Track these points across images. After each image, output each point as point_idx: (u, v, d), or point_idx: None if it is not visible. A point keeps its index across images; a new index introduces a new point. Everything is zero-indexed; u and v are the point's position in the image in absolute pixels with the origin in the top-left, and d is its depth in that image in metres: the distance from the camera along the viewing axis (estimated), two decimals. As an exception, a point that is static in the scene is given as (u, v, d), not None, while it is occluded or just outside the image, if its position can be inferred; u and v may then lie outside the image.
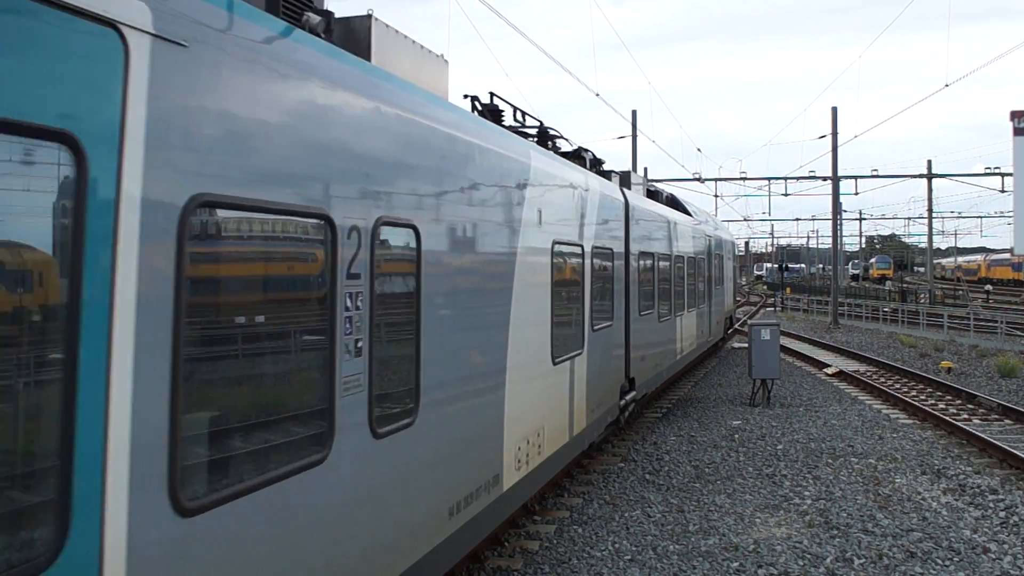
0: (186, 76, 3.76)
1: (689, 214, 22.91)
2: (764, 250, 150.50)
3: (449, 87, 7.81)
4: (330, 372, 4.78)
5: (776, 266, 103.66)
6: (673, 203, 22.04)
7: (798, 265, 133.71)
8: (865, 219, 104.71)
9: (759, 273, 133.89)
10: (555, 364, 9.54)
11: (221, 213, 4.07)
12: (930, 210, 61.98)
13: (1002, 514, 10.67)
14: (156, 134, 3.53)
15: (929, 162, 56.33)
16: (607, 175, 14.19)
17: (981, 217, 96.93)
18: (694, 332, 21.50)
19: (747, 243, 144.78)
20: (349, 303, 4.97)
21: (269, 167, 4.30)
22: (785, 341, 29.23)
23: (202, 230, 3.92)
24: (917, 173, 58.54)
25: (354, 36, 6.40)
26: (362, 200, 5.21)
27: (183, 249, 3.66)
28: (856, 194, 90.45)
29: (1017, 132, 30.80)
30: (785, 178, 52.53)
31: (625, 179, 15.55)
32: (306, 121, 4.69)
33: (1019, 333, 33.84)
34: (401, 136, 5.83)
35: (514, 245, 8.13)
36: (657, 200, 19.36)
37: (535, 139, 11.42)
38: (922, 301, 57.65)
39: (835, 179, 45.28)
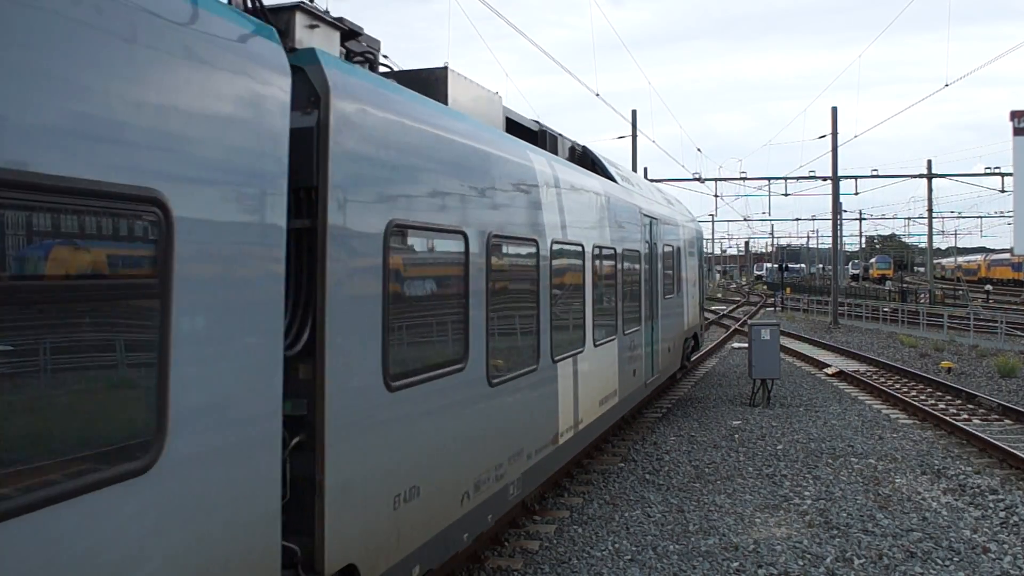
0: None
1: (612, 178, 13.60)
2: (764, 250, 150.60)
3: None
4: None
5: (776, 266, 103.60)
6: (586, 162, 13.42)
7: (798, 265, 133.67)
8: (865, 219, 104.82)
9: (759, 273, 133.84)
10: None
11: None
12: (930, 210, 62.00)
13: (1002, 514, 10.66)
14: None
15: (929, 162, 56.36)
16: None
17: (981, 217, 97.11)
18: (610, 378, 12.34)
19: (747, 243, 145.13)
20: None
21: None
22: (785, 341, 29.22)
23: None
24: (917, 173, 58.58)
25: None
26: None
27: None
28: (856, 194, 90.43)
29: (1017, 132, 30.77)
30: (785, 178, 52.54)
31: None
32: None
33: (1019, 333, 33.83)
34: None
35: None
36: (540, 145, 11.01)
37: None
38: (922, 301, 57.65)
39: (835, 179, 45.28)
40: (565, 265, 10.16)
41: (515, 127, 10.51)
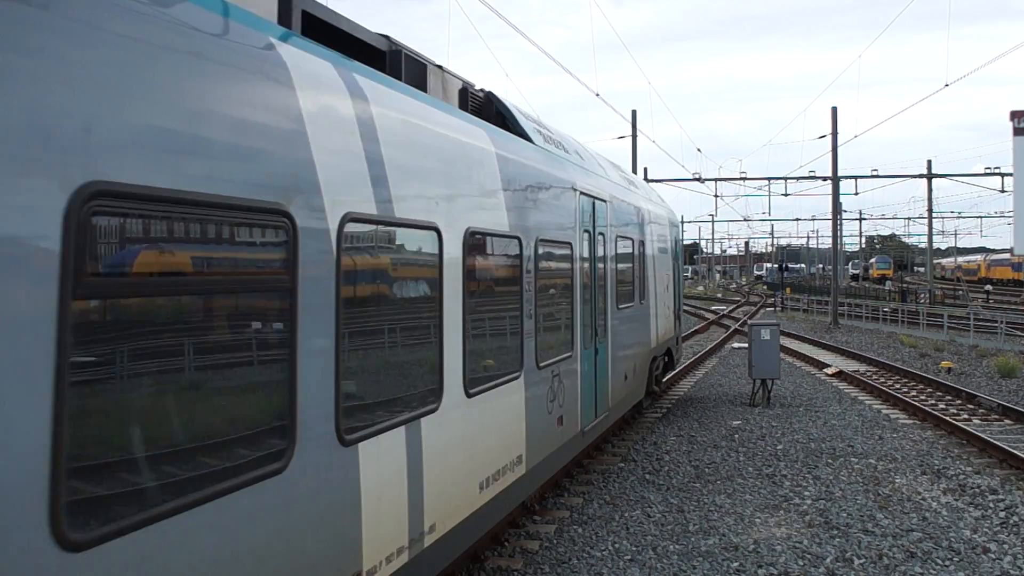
0: None
1: (527, 138, 9.92)
2: (764, 250, 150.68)
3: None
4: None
5: (776, 266, 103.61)
6: (488, 113, 9.81)
7: (798, 265, 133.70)
8: (865, 219, 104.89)
9: (759, 273, 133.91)
10: None
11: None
12: (930, 210, 61.99)
13: (1002, 514, 10.66)
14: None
15: (929, 162, 56.34)
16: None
17: (981, 217, 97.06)
18: (507, 439, 8.17)
19: (747, 243, 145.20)
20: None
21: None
22: (785, 341, 29.22)
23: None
24: (917, 173, 58.56)
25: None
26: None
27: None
28: (856, 194, 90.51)
29: (1017, 132, 30.74)
30: (785, 178, 52.51)
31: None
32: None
33: (1019, 333, 33.83)
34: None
35: None
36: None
37: None
38: (922, 301, 57.63)
39: (835, 179, 45.28)
40: (387, 264, 5.93)
41: (327, 30, 6.50)
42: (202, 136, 3.99)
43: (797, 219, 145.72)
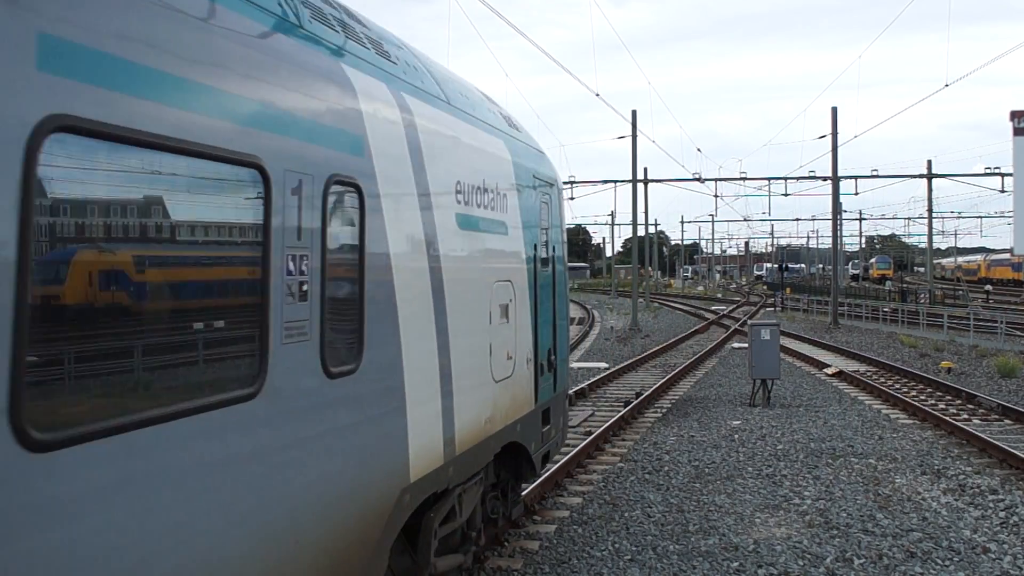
0: None
1: None
2: (764, 250, 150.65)
3: None
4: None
5: (776, 266, 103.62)
6: None
7: (798, 265, 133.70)
8: (865, 219, 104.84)
9: (759, 273, 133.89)
10: None
11: None
12: (930, 210, 62.02)
13: (1002, 514, 10.66)
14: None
15: (929, 162, 56.41)
16: None
17: (981, 217, 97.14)
18: None
19: (747, 243, 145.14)
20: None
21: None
22: (785, 341, 29.21)
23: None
24: (917, 173, 58.54)
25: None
26: None
27: None
28: (856, 194, 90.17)
29: (1017, 132, 30.76)
30: (785, 178, 52.57)
31: None
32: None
33: (1019, 333, 33.84)
34: None
35: None
36: None
37: None
38: (922, 301, 57.64)
39: (835, 179, 45.29)
40: None
41: None
42: None
43: (797, 219, 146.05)
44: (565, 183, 56.50)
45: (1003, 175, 48.39)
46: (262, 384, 4.28)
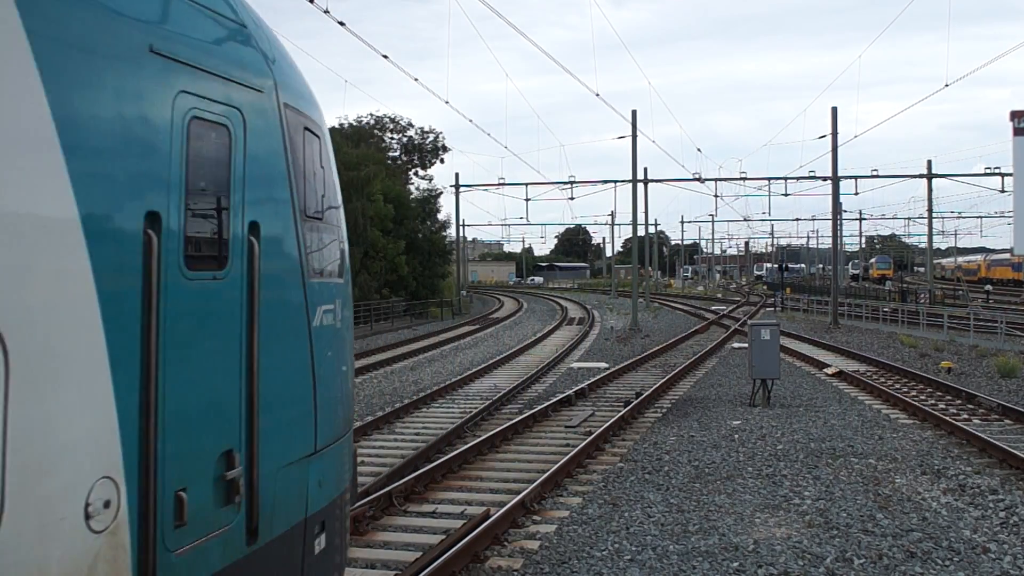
0: None
1: None
2: (764, 250, 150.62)
3: None
4: None
5: (776, 266, 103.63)
6: None
7: (798, 265, 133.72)
8: (865, 219, 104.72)
9: (759, 273, 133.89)
10: None
11: None
12: (930, 210, 62.06)
13: (1002, 514, 10.67)
14: None
15: (929, 162, 56.47)
16: None
17: (981, 217, 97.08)
18: None
19: (747, 243, 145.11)
20: None
21: None
22: (785, 341, 29.20)
23: None
24: (917, 173, 58.58)
25: None
26: None
27: None
28: (856, 194, 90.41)
29: (1017, 132, 30.79)
30: (785, 178, 52.60)
31: None
32: None
33: (1019, 333, 33.84)
34: None
35: None
36: None
37: None
38: (922, 301, 57.63)
39: (835, 179, 45.30)
40: None
41: None
42: None
43: (797, 219, 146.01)
44: (565, 183, 55.11)
45: (1003, 175, 48.44)
46: None
